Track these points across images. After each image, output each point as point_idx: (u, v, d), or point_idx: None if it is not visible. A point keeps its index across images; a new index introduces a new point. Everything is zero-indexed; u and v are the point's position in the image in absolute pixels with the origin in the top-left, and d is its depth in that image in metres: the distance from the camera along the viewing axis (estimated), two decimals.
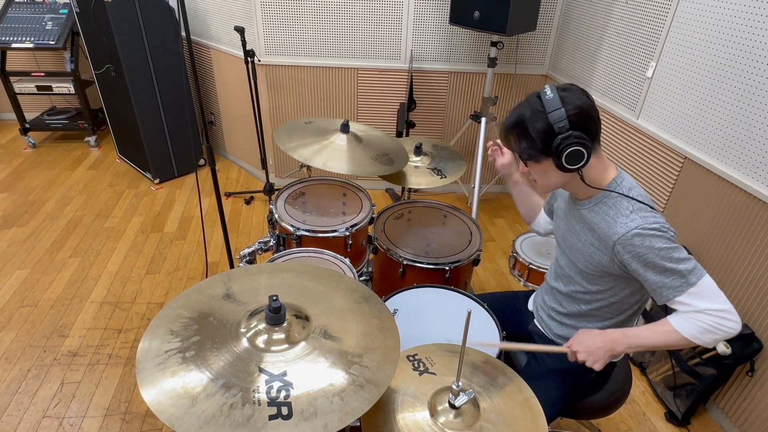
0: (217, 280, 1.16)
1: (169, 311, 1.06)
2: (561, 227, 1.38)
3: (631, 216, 1.13)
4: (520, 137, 1.16)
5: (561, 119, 1.09)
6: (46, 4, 3.73)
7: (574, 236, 1.30)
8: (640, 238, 1.10)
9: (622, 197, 1.17)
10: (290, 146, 1.85)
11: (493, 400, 1.03)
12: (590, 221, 1.23)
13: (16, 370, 2.06)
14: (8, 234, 2.92)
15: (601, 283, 1.26)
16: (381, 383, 0.91)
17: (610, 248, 1.16)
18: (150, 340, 0.97)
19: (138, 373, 0.89)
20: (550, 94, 1.10)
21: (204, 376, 0.88)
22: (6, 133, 4.25)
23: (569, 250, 1.32)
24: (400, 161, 1.93)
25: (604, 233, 1.17)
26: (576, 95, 1.11)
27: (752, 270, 1.81)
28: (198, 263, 2.76)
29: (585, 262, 1.26)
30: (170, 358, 0.92)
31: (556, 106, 1.09)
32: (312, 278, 1.19)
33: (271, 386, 0.87)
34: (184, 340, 0.96)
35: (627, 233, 1.11)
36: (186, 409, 0.82)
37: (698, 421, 2.00)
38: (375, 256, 1.98)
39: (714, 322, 1.07)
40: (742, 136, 1.80)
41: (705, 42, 1.93)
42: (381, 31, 3.04)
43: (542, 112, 1.11)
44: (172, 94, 3.38)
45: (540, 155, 1.15)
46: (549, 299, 1.46)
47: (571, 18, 2.93)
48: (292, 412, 0.83)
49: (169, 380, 0.87)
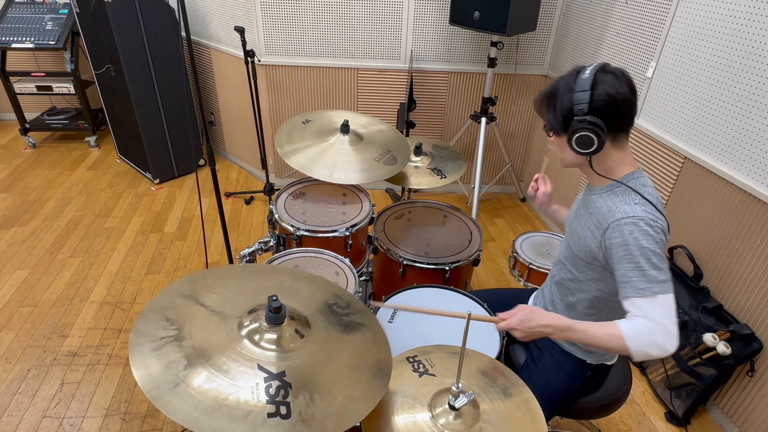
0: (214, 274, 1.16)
1: (164, 297, 1.04)
2: (570, 213, 1.40)
3: (634, 207, 1.13)
4: (548, 106, 1.17)
5: (582, 102, 1.09)
6: (46, 4, 3.73)
7: (577, 220, 1.30)
8: (631, 227, 1.09)
9: (628, 190, 1.17)
10: (292, 154, 1.88)
11: (493, 401, 1.03)
12: (595, 205, 1.23)
13: (16, 370, 2.06)
14: (8, 234, 2.92)
15: (588, 271, 1.26)
16: (379, 390, 0.91)
17: (602, 231, 1.16)
18: (144, 324, 0.96)
19: (132, 359, 0.87)
20: (586, 74, 1.09)
21: (203, 366, 0.88)
22: (6, 133, 4.25)
23: (570, 234, 1.33)
24: (402, 158, 1.93)
25: (603, 216, 1.17)
26: (615, 83, 1.09)
27: (752, 270, 1.81)
28: (198, 263, 2.76)
29: (578, 246, 1.27)
30: (165, 345, 0.91)
31: (584, 88, 1.08)
32: (307, 283, 1.19)
33: (270, 384, 0.87)
34: (181, 328, 0.95)
35: (622, 218, 1.11)
36: (185, 399, 0.82)
37: (698, 421, 2.00)
38: (375, 257, 1.98)
39: (656, 336, 1.05)
40: (742, 136, 1.80)
41: (705, 42, 1.93)
42: (381, 31, 3.04)
43: (571, 90, 1.11)
44: (172, 94, 3.38)
45: (560, 129, 1.16)
46: (547, 290, 1.48)
47: (571, 18, 2.93)
48: (291, 413, 0.84)
49: (163, 366, 0.87)
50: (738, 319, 1.87)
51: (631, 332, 1.07)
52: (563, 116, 1.13)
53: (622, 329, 1.08)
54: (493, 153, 3.48)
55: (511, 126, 3.42)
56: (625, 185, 1.18)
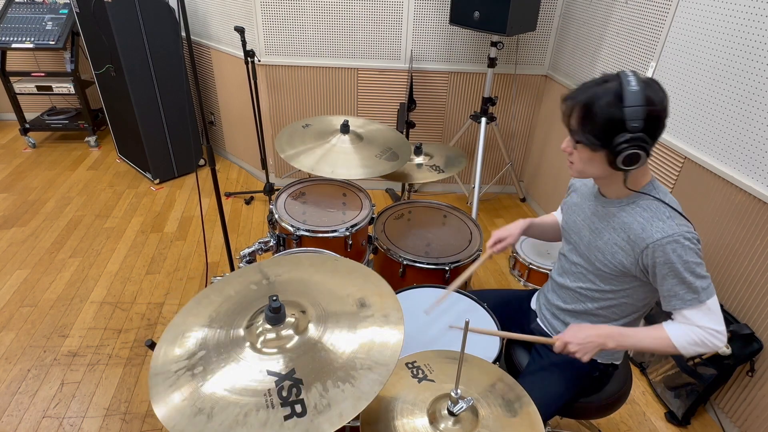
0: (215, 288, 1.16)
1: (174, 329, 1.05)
2: (576, 223, 1.35)
3: (668, 222, 1.12)
4: (584, 118, 1.08)
5: (637, 118, 1.02)
6: (46, 4, 3.73)
7: (595, 234, 1.27)
8: (673, 246, 1.09)
9: (655, 201, 1.16)
10: (294, 156, 1.88)
11: (492, 407, 1.03)
12: (621, 220, 1.20)
13: (16, 370, 2.06)
14: (8, 234, 2.92)
15: (616, 283, 1.25)
16: (389, 362, 0.91)
17: (639, 250, 1.14)
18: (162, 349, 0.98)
19: (152, 397, 0.89)
20: (635, 87, 1.02)
21: (215, 389, 0.89)
22: (6, 133, 4.25)
23: (586, 247, 1.30)
24: (403, 154, 1.93)
25: (637, 234, 1.15)
26: (658, 95, 1.04)
27: (752, 270, 1.81)
28: (198, 263, 2.76)
29: (604, 261, 1.24)
30: (180, 378, 0.92)
31: (638, 102, 1.01)
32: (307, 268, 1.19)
33: (281, 386, 0.87)
34: (190, 357, 0.96)
35: (663, 238, 1.10)
36: (203, 425, 0.83)
37: (698, 421, 2.00)
38: (375, 256, 1.98)
39: (706, 339, 1.12)
40: (742, 136, 1.80)
41: (705, 42, 1.93)
42: (381, 32, 3.04)
43: (619, 102, 1.02)
44: (172, 94, 3.38)
45: (596, 144, 1.08)
46: (552, 297, 1.45)
47: (571, 18, 2.93)
48: (306, 409, 0.84)
49: (181, 400, 0.88)
50: (738, 319, 1.87)
51: (682, 342, 1.14)
52: (606, 129, 1.05)
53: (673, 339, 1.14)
54: (493, 153, 3.48)
55: (511, 126, 3.42)
56: (650, 196, 1.16)
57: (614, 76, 1.06)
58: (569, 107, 1.11)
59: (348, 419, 0.82)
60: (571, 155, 1.17)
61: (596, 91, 1.06)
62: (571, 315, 1.39)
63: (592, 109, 1.06)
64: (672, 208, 1.14)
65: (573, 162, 1.18)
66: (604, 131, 1.06)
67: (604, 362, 1.39)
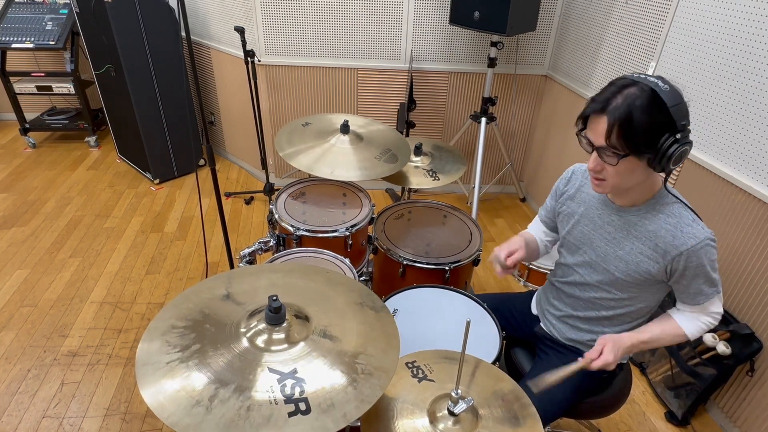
0: (216, 281, 1.16)
1: (161, 323, 1.04)
2: (585, 234, 1.30)
3: (694, 226, 1.12)
4: (625, 130, 1.02)
5: (684, 115, 1.01)
6: (46, 4, 3.73)
7: (614, 244, 1.24)
8: (706, 249, 1.12)
9: (674, 205, 1.15)
10: (293, 155, 1.87)
11: (492, 407, 1.03)
12: (645, 228, 1.18)
13: (16, 370, 2.06)
14: (8, 234, 2.92)
15: (635, 290, 1.25)
16: (389, 368, 0.92)
17: (670, 257, 1.14)
18: (148, 342, 0.96)
19: (141, 385, 0.87)
20: (666, 86, 1.01)
21: (213, 382, 0.88)
22: (6, 133, 4.25)
23: (602, 258, 1.26)
24: (403, 156, 1.93)
25: (667, 242, 1.14)
26: (677, 88, 1.04)
27: (752, 270, 1.81)
28: (198, 263, 2.76)
29: (627, 271, 1.22)
30: (173, 369, 0.90)
31: (678, 101, 1.00)
32: (308, 278, 1.19)
33: (284, 384, 0.87)
34: (183, 350, 0.95)
35: (697, 244, 1.11)
36: (202, 417, 0.82)
37: (698, 421, 2.00)
38: (375, 257, 1.98)
39: (710, 323, 1.24)
40: (742, 136, 1.80)
41: (705, 42, 1.93)
42: (381, 32, 3.04)
43: (662, 105, 1.00)
44: (172, 94, 3.38)
45: (635, 152, 1.04)
46: (560, 304, 1.43)
47: (571, 18, 2.93)
48: (310, 407, 0.84)
49: (177, 390, 0.86)
50: (738, 318, 1.87)
51: (693, 332, 1.24)
52: (651, 133, 1.02)
53: (687, 332, 1.24)
54: (493, 153, 3.48)
55: (511, 126, 3.42)
56: (677, 199, 1.16)
57: (625, 83, 1.04)
58: (609, 122, 1.04)
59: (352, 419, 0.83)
60: (600, 172, 1.12)
61: (629, 100, 1.02)
62: (584, 321, 1.38)
63: (630, 120, 1.02)
64: (691, 209, 1.16)
65: (604, 179, 1.12)
66: (652, 137, 1.03)
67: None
